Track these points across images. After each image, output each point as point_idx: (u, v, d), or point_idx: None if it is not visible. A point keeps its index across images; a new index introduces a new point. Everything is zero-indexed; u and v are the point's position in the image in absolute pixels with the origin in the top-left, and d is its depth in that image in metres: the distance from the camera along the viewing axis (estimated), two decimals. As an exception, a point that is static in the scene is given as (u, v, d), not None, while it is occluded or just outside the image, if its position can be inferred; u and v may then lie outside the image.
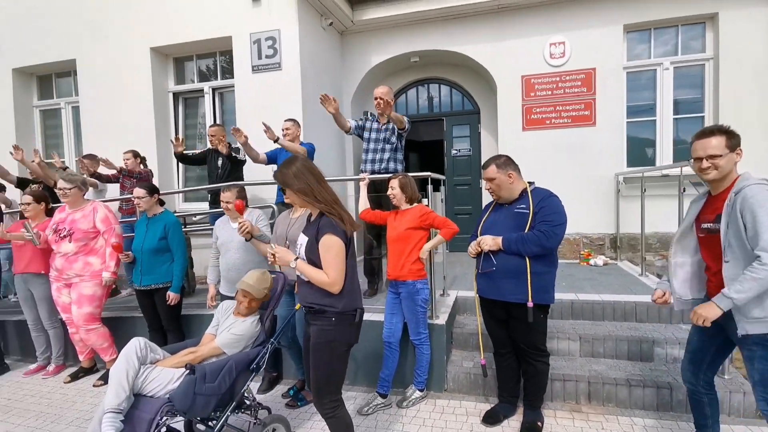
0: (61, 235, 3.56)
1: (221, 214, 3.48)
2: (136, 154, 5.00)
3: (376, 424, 2.88)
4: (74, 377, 3.81)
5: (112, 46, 5.76)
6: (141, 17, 5.60)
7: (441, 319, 3.34)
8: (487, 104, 6.51)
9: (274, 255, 2.10)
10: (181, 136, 5.43)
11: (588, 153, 5.61)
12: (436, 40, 6.09)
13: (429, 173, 3.43)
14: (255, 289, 2.53)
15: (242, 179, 4.53)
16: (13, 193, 5.36)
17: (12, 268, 4.11)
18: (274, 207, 3.88)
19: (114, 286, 4.52)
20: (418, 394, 3.15)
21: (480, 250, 2.63)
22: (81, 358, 3.89)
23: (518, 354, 2.78)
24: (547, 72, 5.78)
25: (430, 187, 3.43)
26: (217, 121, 5.82)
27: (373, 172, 4.04)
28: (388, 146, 4.07)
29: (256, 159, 4.29)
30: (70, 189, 3.57)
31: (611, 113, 5.56)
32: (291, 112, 4.99)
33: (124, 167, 4.87)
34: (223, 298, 3.34)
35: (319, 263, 2.03)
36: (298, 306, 2.56)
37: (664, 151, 5.55)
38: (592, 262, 5.29)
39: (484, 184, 2.94)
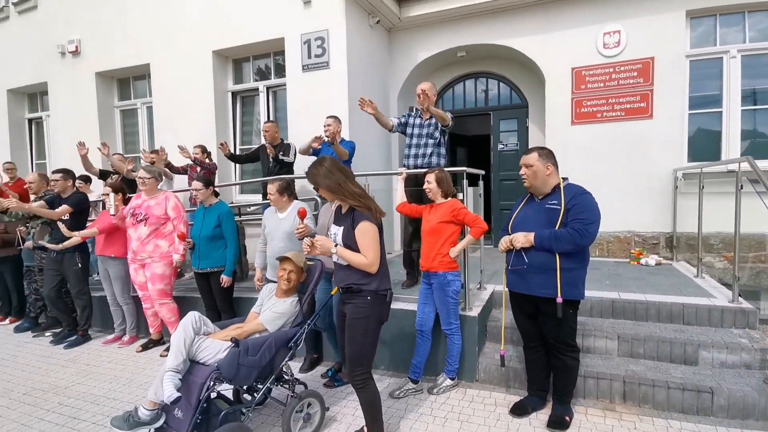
0: (138, 219, 4.02)
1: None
2: (203, 149, 5.46)
3: (406, 407, 3.02)
4: (145, 347, 4.30)
5: (180, 50, 6.29)
6: (205, 23, 6.07)
7: (474, 312, 3.40)
8: (535, 98, 6.36)
9: (312, 244, 2.30)
10: (237, 138, 5.88)
11: (643, 147, 5.34)
12: (483, 34, 6.04)
13: (465, 168, 3.48)
14: (295, 257, 2.75)
15: (293, 173, 4.80)
16: (96, 184, 6.03)
17: (95, 250, 4.67)
18: (318, 199, 4.11)
19: (179, 269, 4.99)
20: (448, 382, 3.24)
21: (511, 246, 2.67)
22: (151, 331, 4.37)
23: (547, 348, 2.79)
24: (600, 63, 5.55)
25: (465, 182, 3.48)
26: (271, 117, 6.19)
27: (415, 167, 4.15)
28: (431, 141, 4.15)
29: (306, 154, 4.59)
30: (148, 178, 4.03)
31: (671, 105, 5.24)
32: (338, 109, 5.20)
33: (196, 159, 5.33)
34: (269, 281, 3.64)
35: (356, 248, 2.24)
36: (334, 291, 2.77)
37: (731, 145, 5.16)
38: (643, 261, 5.05)
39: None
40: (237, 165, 6.46)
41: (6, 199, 4.13)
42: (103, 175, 5.84)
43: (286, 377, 2.68)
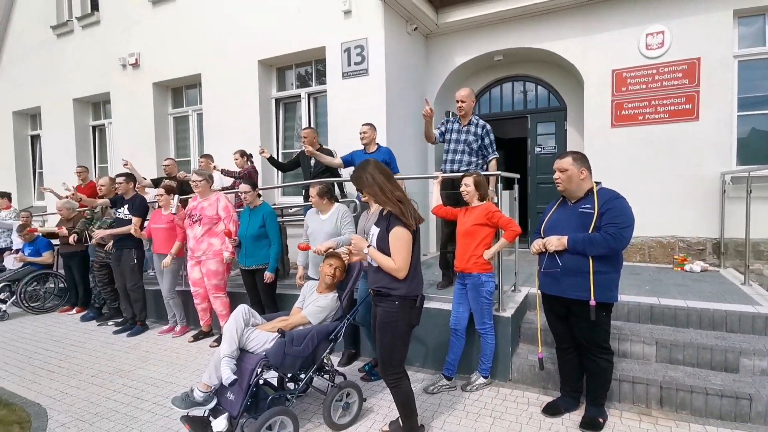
0: (194, 220, 4.37)
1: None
2: (243, 153, 5.80)
3: (440, 402, 3.13)
4: (196, 338, 4.64)
5: (228, 61, 6.69)
6: (251, 35, 6.43)
7: (507, 313, 3.47)
8: (574, 100, 6.30)
9: (350, 252, 2.47)
10: (280, 142, 6.19)
11: (688, 150, 5.20)
12: (521, 38, 6.06)
13: (499, 172, 3.56)
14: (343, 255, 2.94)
15: (336, 175, 5.02)
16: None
17: (151, 247, 5.07)
18: (357, 201, 4.29)
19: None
20: (481, 380, 3.33)
21: (544, 249, 2.73)
22: (201, 324, 4.71)
23: (580, 350, 2.83)
24: (642, 64, 5.44)
25: (499, 186, 3.55)
26: (311, 123, 6.47)
27: (452, 172, 4.25)
28: (467, 148, 4.25)
29: (331, 164, 4.76)
30: (200, 181, 4.37)
31: (718, 106, 5.08)
32: (377, 115, 5.41)
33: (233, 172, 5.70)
34: (310, 279, 3.85)
35: (388, 251, 2.35)
36: (370, 291, 2.92)
37: (784, 148, 4.93)
38: (687, 267, 4.91)
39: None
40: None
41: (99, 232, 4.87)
42: (156, 183, 6.29)
43: (327, 368, 2.86)
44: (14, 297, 5.75)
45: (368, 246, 2.43)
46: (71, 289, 6.03)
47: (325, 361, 2.83)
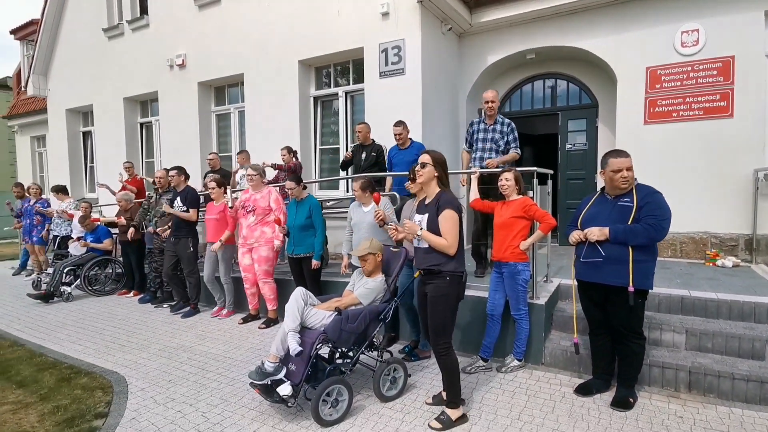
0: (247, 210, 4.75)
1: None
2: (289, 150, 6.14)
3: (477, 380, 3.39)
4: (245, 320, 5.02)
5: (270, 61, 7.05)
6: (292, 36, 6.76)
7: (541, 300, 3.69)
8: (606, 97, 6.39)
9: (396, 229, 2.78)
10: (318, 139, 6.54)
11: (722, 147, 5.25)
12: (554, 36, 6.18)
13: (535, 168, 3.77)
14: (357, 250, 3.26)
15: (385, 169, 5.29)
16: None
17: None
18: (397, 195, 4.56)
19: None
20: (516, 362, 3.57)
21: (583, 239, 2.94)
22: (250, 307, 5.09)
23: (613, 335, 3.03)
24: (677, 62, 5.51)
25: (535, 181, 3.76)
26: (348, 121, 6.78)
27: (481, 168, 4.49)
28: (494, 146, 4.50)
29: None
30: (255, 175, 4.73)
31: (752, 104, 5.12)
32: (412, 112, 5.67)
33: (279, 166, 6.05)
34: (354, 267, 4.16)
35: (438, 233, 2.66)
36: (417, 274, 3.20)
37: (822, 145, 4.93)
38: (719, 263, 4.99)
39: (598, 176, 3.16)
40: (316, 162, 7.14)
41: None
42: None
43: (377, 345, 3.15)
44: (78, 280, 6.28)
45: (420, 229, 2.71)
46: (128, 274, 6.53)
47: (374, 339, 3.12)
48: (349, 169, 5.91)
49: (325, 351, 3.13)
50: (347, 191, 6.90)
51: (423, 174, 2.79)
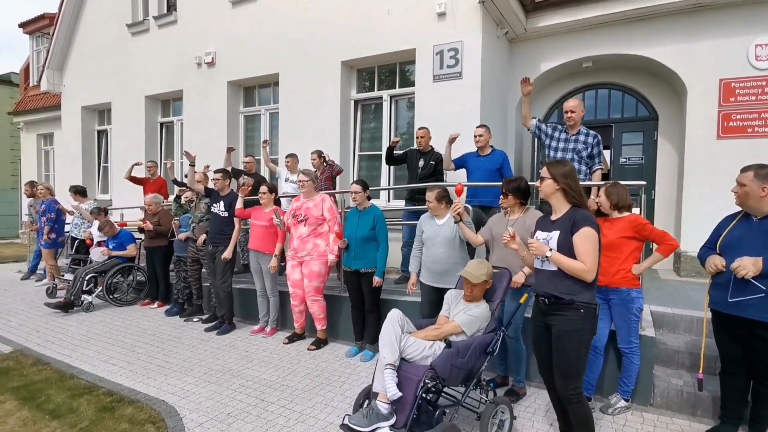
0: (299, 220, 4.31)
1: (422, 212, 3.90)
2: (320, 154, 5.73)
3: (584, 423, 2.95)
4: (291, 340, 4.56)
5: (308, 61, 6.67)
6: (335, 36, 6.39)
7: (649, 332, 3.28)
8: (668, 110, 6.07)
9: (513, 235, 2.43)
10: (357, 144, 6.18)
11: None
12: (615, 44, 5.86)
13: (643, 182, 3.39)
14: (472, 275, 2.81)
15: (443, 178, 4.92)
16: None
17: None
18: (469, 207, 4.16)
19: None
20: (623, 403, 3.14)
21: (722, 269, 2.54)
22: (296, 326, 4.63)
23: (753, 375, 2.63)
24: (752, 75, 5.20)
25: (643, 197, 3.38)
26: (393, 126, 6.40)
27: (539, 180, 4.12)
28: (576, 157, 4.12)
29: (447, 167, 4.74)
30: (307, 181, 4.31)
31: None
32: (469, 119, 5.28)
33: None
34: (423, 285, 3.74)
35: (571, 254, 2.24)
36: (524, 298, 2.79)
37: None
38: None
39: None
40: (354, 170, 6.73)
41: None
42: (235, 174, 6.28)
43: (483, 383, 2.72)
44: (100, 288, 5.79)
45: (549, 249, 2.30)
46: (152, 282, 6.05)
47: (481, 376, 2.69)
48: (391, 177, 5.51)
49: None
50: (388, 200, 6.50)
51: (542, 188, 2.41)
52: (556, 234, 2.33)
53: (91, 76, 9.67)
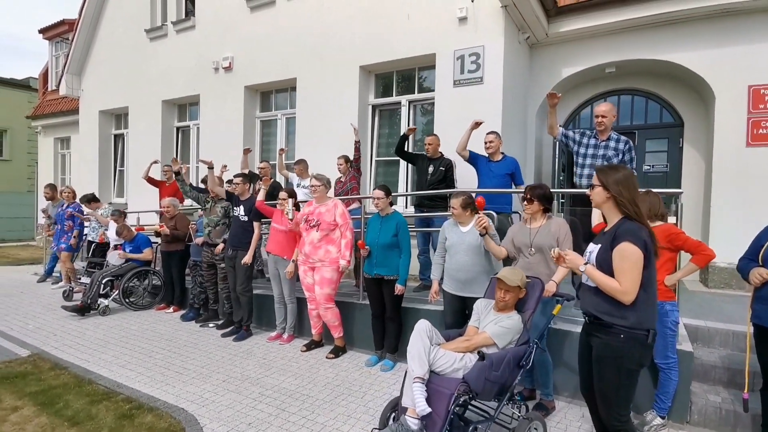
0: (311, 225, 4.24)
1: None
2: (347, 159, 5.67)
3: (620, 442, 2.82)
4: (308, 347, 4.47)
5: (326, 66, 6.65)
6: (354, 40, 6.37)
7: (686, 346, 3.14)
8: (694, 116, 5.93)
9: (561, 257, 2.25)
10: (374, 149, 6.07)
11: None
12: (640, 49, 5.74)
13: (680, 190, 3.27)
14: (507, 278, 2.70)
15: (454, 185, 4.83)
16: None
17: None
18: (494, 214, 4.06)
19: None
20: (659, 420, 3.00)
21: (766, 280, 2.42)
22: (313, 332, 4.54)
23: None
24: (783, 81, 5.05)
25: (680, 204, 3.26)
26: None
27: (588, 187, 4.00)
28: (606, 163, 3.99)
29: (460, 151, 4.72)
30: (319, 186, 4.25)
31: None
32: (491, 124, 5.16)
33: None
34: (445, 294, 3.64)
35: (610, 271, 2.08)
36: (557, 309, 2.68)
37: None
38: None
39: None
40: (372, 175, 6.67)
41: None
42: (251, 177, 6.25)
43: (517, 397, 2.61)
44: (116, 292, 5.77)
45: (585, 263, 2.18)
46: (167, 286, 6.02)
47: (514, 390, 2.58)
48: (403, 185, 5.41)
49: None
50: (405, 206, 6.41)
51: (592, 196, 2.28)
52: (598, 248, 2.18)
53: (109, 80, 9.77)
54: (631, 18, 5.51)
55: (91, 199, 7.15)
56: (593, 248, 2.25)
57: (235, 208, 4.90)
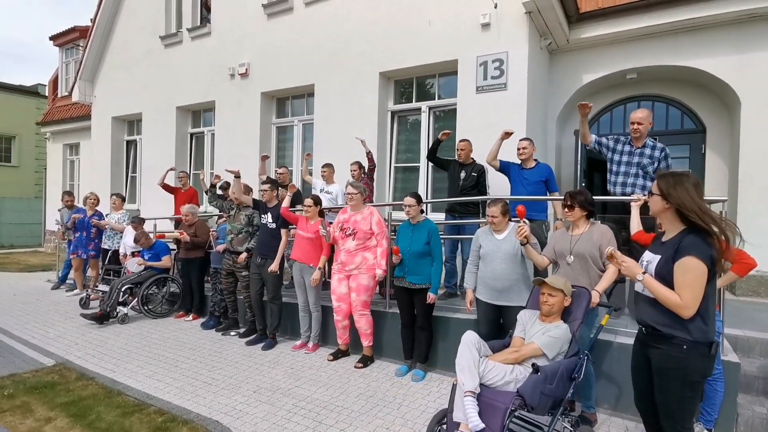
0: (347, 233, 4.20)
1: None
2: (360, 165, 5.62)
3: (669, 456, 2.75)
4: (335, 357, 4.41)
5: (345, 72, 6.64)
6: (374, 46, 6.36)
7: (731, 357, 3.08)
8: (717, 122, 5.89)
9: (613, 255, 2.19)
10: (393, 155, 6.02)
11: None
12: (662, 55, 5.72)
13: (724, 198, 3.22)
14: (551, 281, 2.69)
15: (486, 191, 4.79)
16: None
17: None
18: (527, 222, 4.00)
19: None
20: (706, 433, 2.94)
21: None
22: (339, 342, 4.48)
23: None
24: (810, 86, 5.01)
25: (724, 211, 3.20)
26: (430, 137, 6.29)
27: (623, 194, 3.97)
28: (641, 171, 3.96)
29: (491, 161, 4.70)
30: (356, 194, 4.21)
31: None
32: (514, 131, 5.13)
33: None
34: (479, 303, 3.59)
35: (670, 282, 2.02)
36: (605, 320, 2.62)
37: None
38: None
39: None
40: (390, 181, 6.63)
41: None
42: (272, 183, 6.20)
43: (569, 411, 2.55)
44: (135, 300, 5.72)
45: (643, 273, 2.13)
46: (186, 294, 5.97)
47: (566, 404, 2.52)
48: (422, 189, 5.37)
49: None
50: (426, 213, 6.34)
51: (650, 204, 2.23)
52: (657, 258, 2.12)
53: (123, 87, 9.78)
54: (652, 24, 5.50)
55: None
56: (651, 258, 2.20)
57: (262, 215, 4.86)
